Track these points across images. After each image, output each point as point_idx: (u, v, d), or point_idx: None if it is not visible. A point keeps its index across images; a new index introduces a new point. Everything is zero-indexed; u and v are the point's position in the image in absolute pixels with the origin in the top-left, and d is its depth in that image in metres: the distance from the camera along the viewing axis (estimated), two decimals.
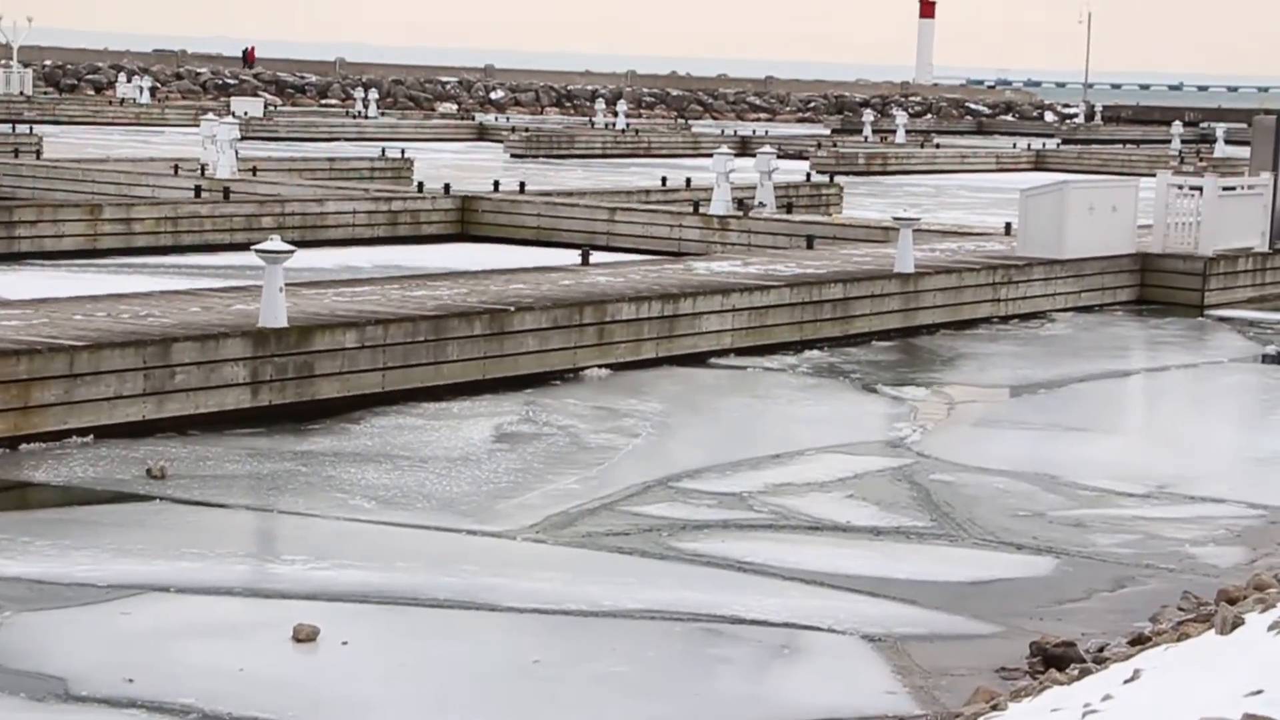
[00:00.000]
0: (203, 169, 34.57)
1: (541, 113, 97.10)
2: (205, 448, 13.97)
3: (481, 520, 12.04)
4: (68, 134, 58.39)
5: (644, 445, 14.71)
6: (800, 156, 55.56)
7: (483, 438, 14.71)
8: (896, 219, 22.40)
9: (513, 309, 17.38)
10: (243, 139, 37.55)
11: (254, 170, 35.63)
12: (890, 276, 21.47)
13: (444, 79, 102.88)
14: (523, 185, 34.67)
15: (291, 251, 15.79)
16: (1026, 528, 12.33)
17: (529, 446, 14.43)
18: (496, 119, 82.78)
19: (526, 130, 65.45)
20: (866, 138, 68.79)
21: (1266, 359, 21.25)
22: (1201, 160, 57.33)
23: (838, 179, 40.56)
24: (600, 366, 18.02)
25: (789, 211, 31.51)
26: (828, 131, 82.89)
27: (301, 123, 67.22)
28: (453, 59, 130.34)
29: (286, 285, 15.83)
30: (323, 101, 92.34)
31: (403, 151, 45.66)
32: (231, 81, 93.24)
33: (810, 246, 25.37)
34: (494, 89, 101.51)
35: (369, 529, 11.79)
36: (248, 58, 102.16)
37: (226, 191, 30.96)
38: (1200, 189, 25.54)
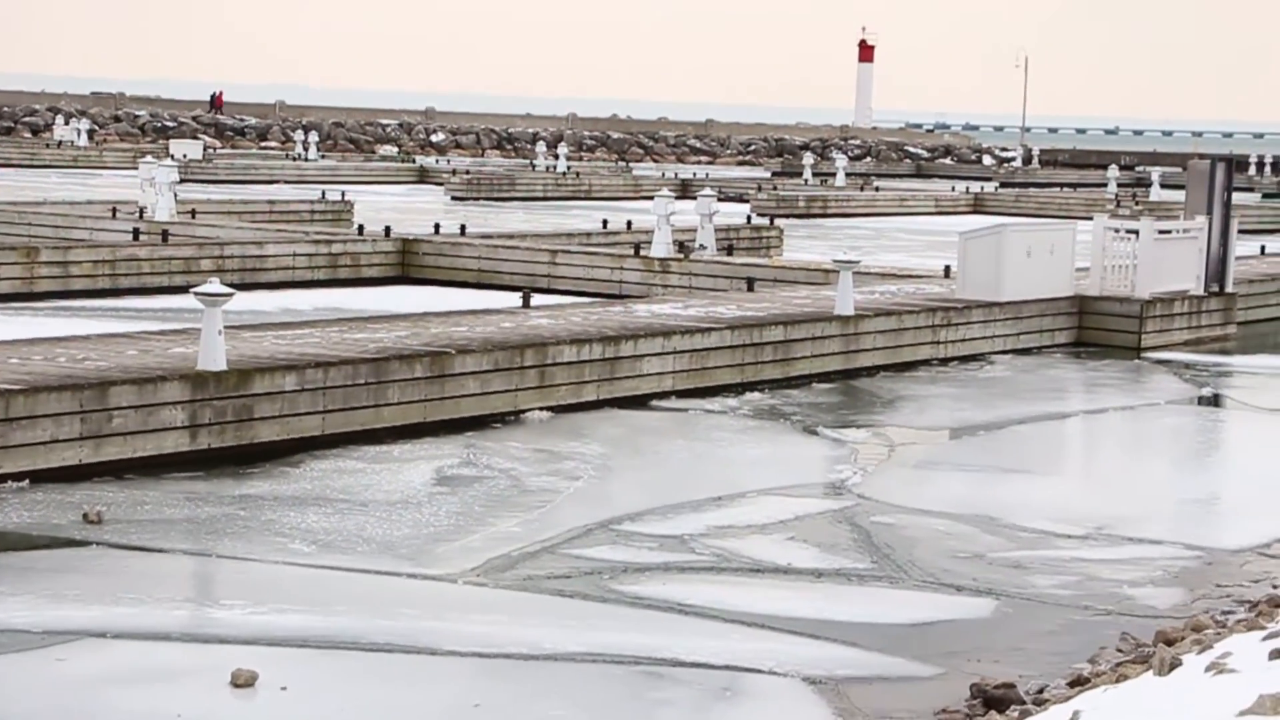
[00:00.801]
0: (141, 212, 34.37)
1: (482, 155, 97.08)
2: (143, 492, 13.86)
3: (422, 563, 11.98)
4: (4, 177, 58.01)
5: (585, 488, 14.69)
6: (741, 199, 55.75)
7: (423, 480, 14.66)
8: (837, 261, 22.49)
9: (453, 351, 17.35)
10: (181, 181, 37.37)
11: (193, 213, 35.46)
12: (830, 319, 21.55)
13: (384, 121, 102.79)
14: (463, 228, 34.65)
15: (231, 294, 15.73)
16: (966, 569, 12.37)
17: (470, 489, 14.39)
18: (437, 161, 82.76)
19: (467, 173, 65.43)
20: (806, 180, 69.10)
21: (1202, 401, 21.44)
22: (1137, 204, 57.86)
23: (778, 221, 40.73)
24: (541, 409, 18.00)
25: (730, 254, 31.60)
26: (768, 174, 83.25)
27: (241, 165, 67.00)
28: (393, 101, 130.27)
29: (225, 328, 15.76)
30: (262, 144, 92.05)
31: (343, 194, 45.58)
32: (170, 124, 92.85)
33: (751, 289, 25.45)
34: (435, 131, 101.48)
35: (308, 573, 11.71)
36: (215, 102, 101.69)
37: (165, 234, 30.80)
38: (1136, 232, 25.77)
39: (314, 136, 77.64)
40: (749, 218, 42.02)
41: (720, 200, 34.98)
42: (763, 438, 17.50)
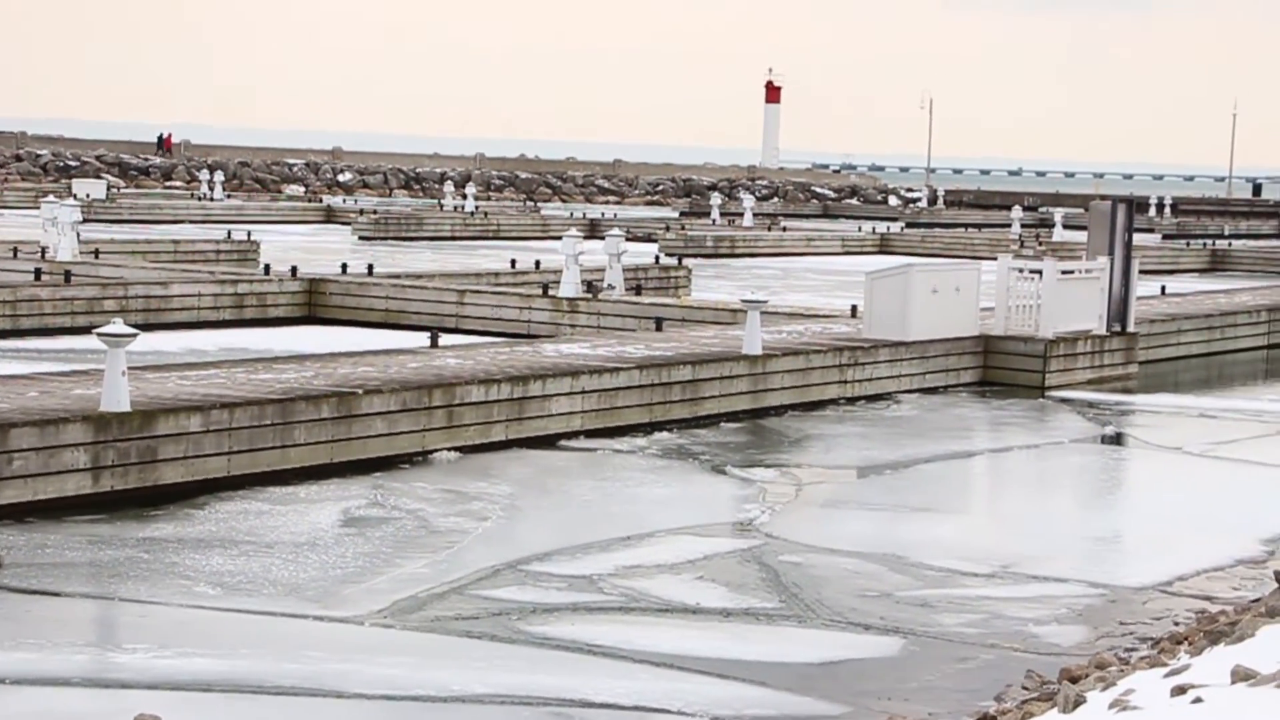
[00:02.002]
0: (43, 252, 34.02)
1: (390, 195, 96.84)
2: (44, 535, 13.68)
3: (328, 606, 11.89)
4: None
5: (493, 528, 14.64)
6: (649, 239, 55.90)
7: (330, 522, 14.56)
8: (744, 301, 22.59)
9: (361, 392, 17.26)
10: (84, 221, 37.01)
11: (96, 253, 35.14)
12: (738, 358, 21.62)
13: (291, 161, 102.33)
14: (371, 267, 34.53)
15: (134, 335, 15.58)
16: (874, 608, 12.42)
17: (377, 530, 14.30)
18: (344, 201, 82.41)
19: (375, 212, 65.23)
20: (714, 220, 69.38)
21: (1105, 440, 21.67)
22: (1041, 244, 58.52)
23: (686, 261, 40.85)
24: (449, 449, 17.93)
25: (638, 293, 31.66)
26: (676, 214, 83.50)
27: (145, 205, 66.42)
28: (300, 141, 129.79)
29: (129, 369, 15.60)
30: (167, 184, 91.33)
31: (249, 234, 45.32)
32: (73, 163, 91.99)
33: (659, 328, 25.50)
34: (342, 171, 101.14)
35: (212, 616, 11.60)
36: (164, 144, 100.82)
37: (68, 274, 30.47)
38: (1040, 272, 26.04)
39: (219, 176, 77.12)
40: (657, 258, 42.14)
41: (628, 240, 35.07)
42: (671, 477, 17.52)
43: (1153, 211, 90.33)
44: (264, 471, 16.18)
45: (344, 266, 34.40)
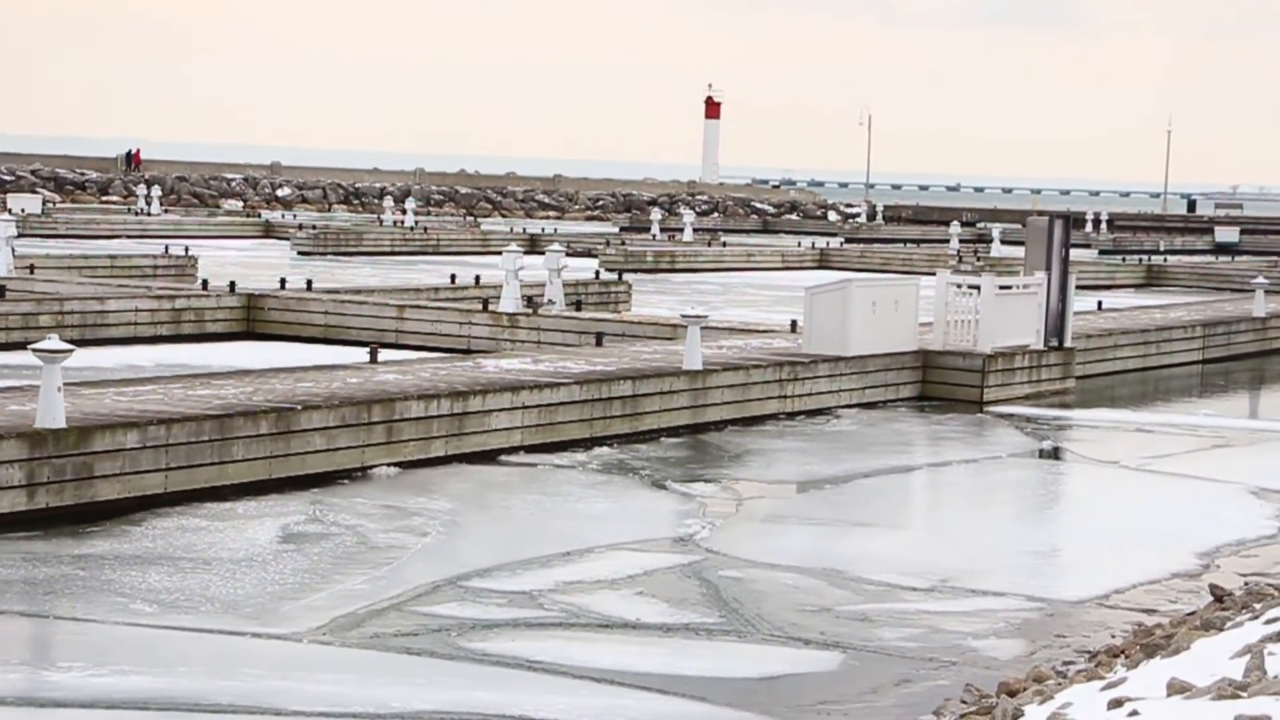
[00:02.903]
0: None
1: (329, 210, 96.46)
2: None
3: (266, 622, 11.83)
4: None
5: (433, 544, 14.60)
6: (589, 254, 55.91)
7: (268, 538, 14.49)
8: (685, 316, 22.62)
9: (299, 407, 17.19)
10: (20, 236, 36.75)
11: (31, 268, 34.87)
12: (679, 374, 21.64)
13: (229, 176, 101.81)
14: (310, 283, 34.38)
15: (70, 351, 15.47)
16: (813, 623, 12.44)
17: (316, 547, 14.24)
18: (283, 216, 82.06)
19: (314, 227, 64.99)
20: (654, 236, 69.45)
21: (1043, 454, 21.79)
22: (979, 260, 58.84)
23: (626, 277, 40.87)
24: (389, 465, 17.87)
25: (578, 309, 31.65)
26: (616, 229, 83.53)
27: (82, 220, 65.99)
28: (238, 155, 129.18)
29: (65, 385, 15.48)
30: (104, 198, 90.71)
31: (187, 249, 45.05)
32: (8, 178, 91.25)
33: (599, 344, 25.50)
34: (280, 186, 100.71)
35: (150, 633, 11.51)
36: (133, 160, 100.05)
37: (2, 290, 30.21)
38: (978, 288, 26.17)
39: (157, 191, 76.68)
40: (597, 273, 42.14)
41: (569, 255, 35.06)
42: (611, 492, 17.51)
43: (1089, 227, 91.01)
44: (202, 488, 16.09)
45: (283, 281, 34.24)
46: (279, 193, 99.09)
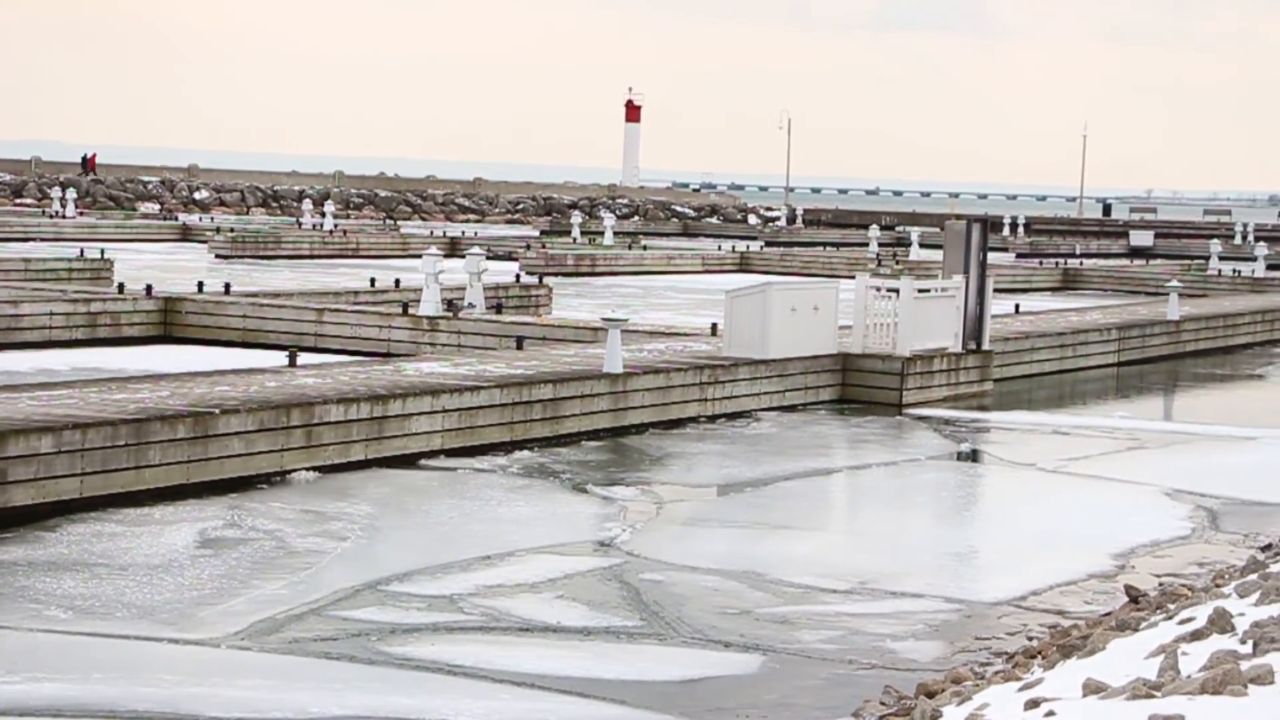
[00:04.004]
0: None
1: (247, 213, 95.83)
2: None
3: (184, 628, 11.74)
4: None
5: (352, 548, 14.53)
6: (510, 258, 55.82)
7: (186, 544, 14.37)
8: (605, 320, 22.63)
9: (217, 411, 17.06)
10: None
11: None
12: (599, 377, 21.64)
13: (146, 179, 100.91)
14: (228, 286, 34.14)
15: None
16: (734, 625, 12.47)
17: (234, 552, 14.14)
18: (201, 219, 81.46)
19: (232, 230, 64.55)
20: (575, 239, 69.42)
21: (961, 456, 21.93)
22: (898, 263, 59.16)
23: (547, 280, 40.84)
24: (308, 469, 17.78)
25: (499, 312, 31.59)
26: (536, 233, 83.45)
27: None
28: (155, 159, 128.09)
29: None
30: (17, 201, 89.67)
31: (102, 252, 44.62)
32: None
33: (520, 347, 25.46)
34: (198, 189, 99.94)
35: (64, 640, 11.40)
36: (88, 164, 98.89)
37: None
38: (897, 291, 26.32)
39: (71, 194, 75.90)
40: (518, 276, 42.09)
41: (489, 259, 34.99)
42: (532, 496, 17.49)
43: (1007, 231, 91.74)
44: (118, 493, 15.94)
45: (200, 285, 33.99)
46: (196, 195, 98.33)
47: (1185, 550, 15.97)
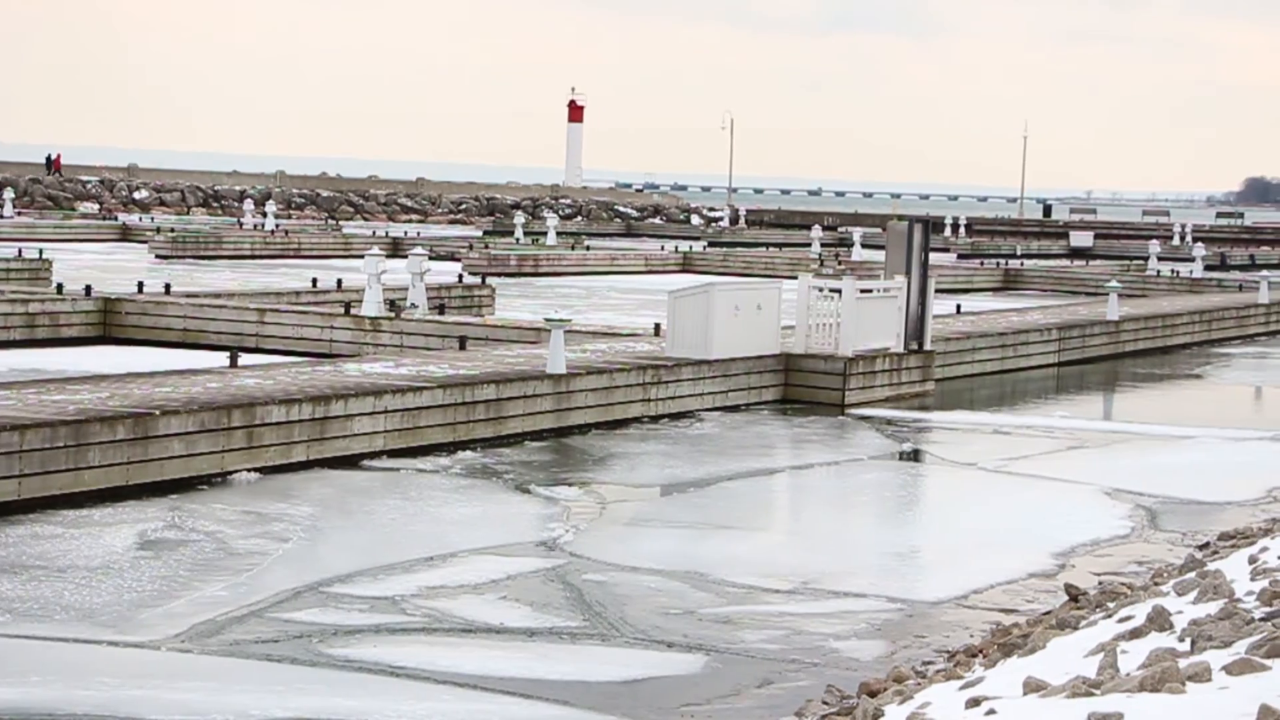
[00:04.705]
0: None
1: (188, 213, 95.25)
2: None
3: (123, 631, 11.66)
4: None
5: (294, 550, 14.47)
6: (452, 258, 55.70)
7: (125, 545, 14.28)
8: (548, 320, 22.61)
9: (158, 412, 16.96)
10: None
11: None
12: (542, 377, 21.62)
13: (85, 178, 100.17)
14: (168, 286, 33.94)
15: None
16: (677, 626, 12.48)
17: (174, 554, 14.06)
18: (141, 219, 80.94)
19: (172, 231, 64.17)
20: (518, 239, 69.32)
21: (903, 456, 22.02)
22: (840, 263, 59.36)
23: (490, 280, 40.76)
24: (249, 470, 17.69)
25: (441, 313, 31.52)
26: (479, 233, 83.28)
27: None
28: (95, 158, 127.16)
29: None
30: None
31: (40, 252, 44.28)
32: None
33: (463, 347, 25.41)
34: (138, 188, 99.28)
35: (2, 643, 11.30)
36: (54, 165, 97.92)
37: None
38: (839, 291, 26.40)
39: (9, 193, 75.25)
40: (461, 277, 41.99)
41: (432, 259, 34.90)
42: (475, 497, 17.46)
43: (948, 231, 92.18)
44: (56, 495, 15.82)
45: (140, 285, 33.77)
46: (136, 195, 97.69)
47: (1124, 549, 16.08)
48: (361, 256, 32.41)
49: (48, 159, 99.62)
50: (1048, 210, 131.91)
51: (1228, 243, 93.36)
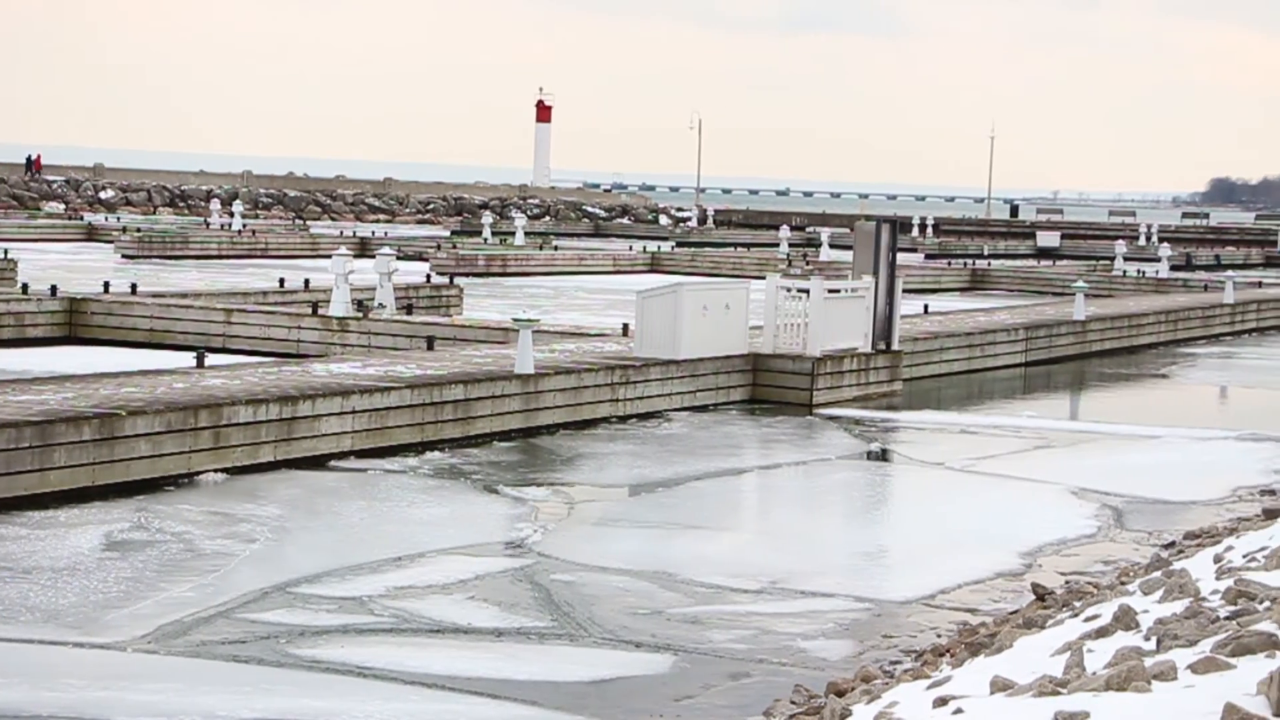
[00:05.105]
0: None
1: (154, 213, 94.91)
2: None
3: (89, 632, 11.62)
4: None
5: (262, 550, 14.43)
6: (420, 258, 55.61)
7: (92, 546, 14.22)
8: (516, 320, 22.59)
9: (124, 413, 16.90)
10: None
11: None
12: (511, 377, 21.61)
13: (50, 178, 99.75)
14: (135, 286, 33.82)
15: None
16: (645, 626, 12.49)
17: (141, 554, 14.01)
18: (107, 219, 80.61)
19: (139, 230, 63.94)
20: (486, 239, 69.24)
21: (871, 456, 22.06)
22: (808, 263, 59.43)
23: (458, 280, 40.71)
24: (216, 471, 17.64)
25: (409, 313, 31.47)
26: (447, 233, 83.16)
27: None
28: (60, 157, 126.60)
29: None
30: None
31: (5, 252, 44.05)
32: None
33: (431, 348, 25.37)
34: (104, 188, 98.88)
35: None
36: (34, 165, 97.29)
37: None
38: (807, 291, 26.44)
39: None
40: (428, 276, 41.93)
41: (399, 259, 34.85)
42: (443, 497, 17.44)
43: (915, 231, 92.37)
44: (21, 495, 15.75)
45: (106, 285, 33.65)
46: (102, 195, 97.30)
47: (1091, 548, 16.14)
48: (329, 256, 32.34)
49: (28, 159, 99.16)
50: (1014, 210, 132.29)
51: (1193, 243, 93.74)
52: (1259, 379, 33.91)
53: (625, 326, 27.57)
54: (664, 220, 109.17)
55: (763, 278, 27.90)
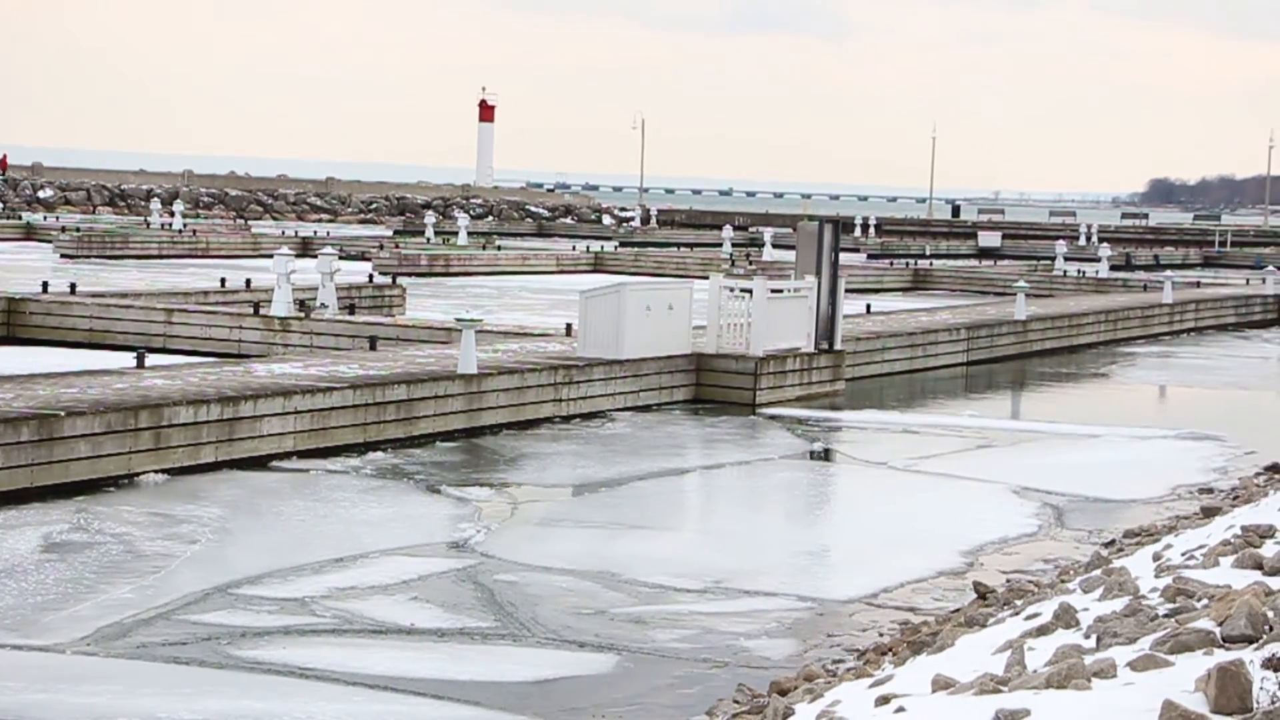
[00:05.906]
0: None
1: (94, 212, 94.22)
2: None
3: (27, 634, 11.53)
4: None
5: (202, 551, 14.36)
6: (363, 258, 55.42)
7: (29, 548, 14.11)
8: (459, 320, 22.55)
9: (63, 413, 16.77)
10: None
11: None
12: (454, 377, 21.56)
13: None
14: (74, 286, 33.58)
15: None
16: (588, 625, 12.48)
17: (80, 556, 13.91)
18: (45, 218, 79.98)
19: (78, 230, 63.46)
20: (429, 239, 69.06)
21: (814, 455, 22.12)
22: (751, 263, 59.54)
23: (400, 280, 40.60)
24: (157, 472, 17.53)
25: (352, 313, 31.37)
26: (390, 233, 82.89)
27: None
28: None
29: None
30: None
31: None
32: None
33: (373, 348, 25.30)
34: (42, 187, 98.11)
35: None
36: (0, 165, 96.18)
37: None
38: (750, 291, 26.49)
39: None
40: (371, 276, 41.80)
41: (342, 259, 34.73)
42: (385, 497, 17.38)
43: (858, 231, 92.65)
44: None
45: (45, 285, 33.39)
46: (41, 194, 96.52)
47: (1032, 547, 16.23)
48: (270, 256, 32.20)
49: None
50: (956, 210, 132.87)
51: (1132, 243, 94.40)
52: (1197, 378, 34.17)
53: (569, 326, 27.55)
54: (607, 220, 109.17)
55: (706, 278, 27.94)
